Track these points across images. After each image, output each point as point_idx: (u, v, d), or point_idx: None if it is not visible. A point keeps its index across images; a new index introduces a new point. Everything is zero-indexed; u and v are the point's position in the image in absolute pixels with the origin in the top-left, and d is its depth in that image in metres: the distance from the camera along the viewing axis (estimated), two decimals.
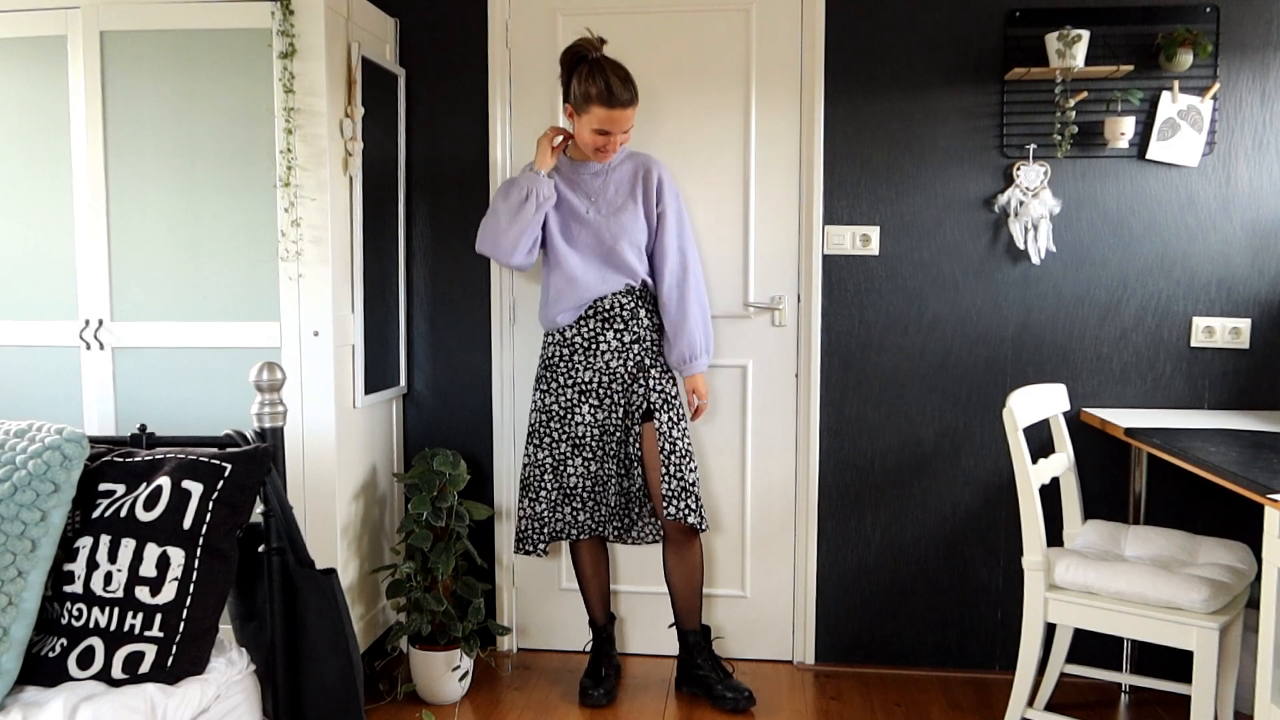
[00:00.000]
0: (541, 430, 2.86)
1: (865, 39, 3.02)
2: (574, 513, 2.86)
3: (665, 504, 2.74)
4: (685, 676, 2.95)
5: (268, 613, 1.99)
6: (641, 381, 2.79)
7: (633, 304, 2.81)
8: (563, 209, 2.82)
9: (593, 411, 2.81)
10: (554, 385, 2.85)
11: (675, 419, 2.78)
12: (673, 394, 2.80)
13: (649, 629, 3.22)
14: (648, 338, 2.83)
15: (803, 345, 3.10)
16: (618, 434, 2.82)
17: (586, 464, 2.83)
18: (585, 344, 2.81)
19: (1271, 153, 2.91)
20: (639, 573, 3.20)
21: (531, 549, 2.85)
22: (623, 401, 2.81)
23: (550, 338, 2.87)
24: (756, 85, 3.07)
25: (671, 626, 3.00)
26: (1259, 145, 2.91)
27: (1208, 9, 2.89)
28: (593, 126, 2.68)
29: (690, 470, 2.76)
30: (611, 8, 3.09)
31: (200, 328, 2.74)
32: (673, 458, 2.74)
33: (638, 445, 2.79)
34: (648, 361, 2.82)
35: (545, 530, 2.85)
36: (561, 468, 2.84)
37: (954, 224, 3.03)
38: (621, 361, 2.80)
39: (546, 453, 2.85)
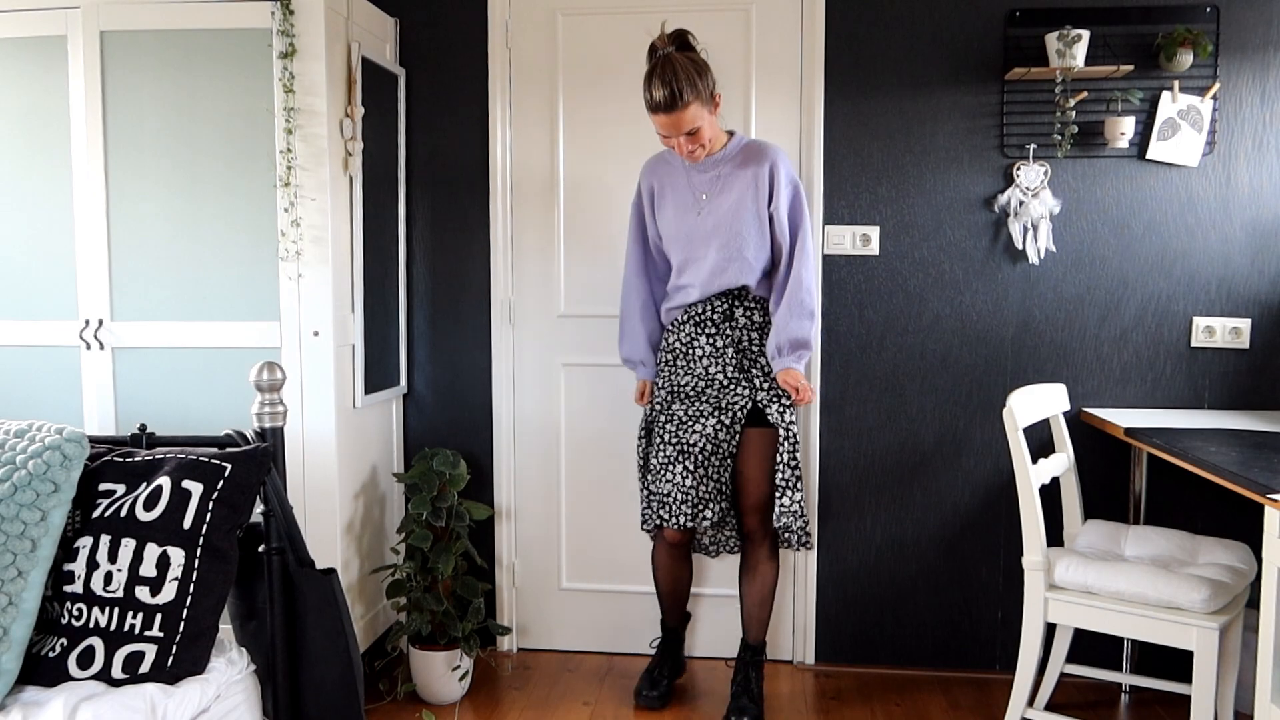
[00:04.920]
0: (651, 419, 2.80)
1: (865, 39, 3.02)
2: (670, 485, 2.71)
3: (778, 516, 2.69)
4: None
5: (268, 613, 1.99)
6: (745, 385, 2.70)
7: (726, 307, 2.70)
8: (675, 205, 2.71)
9: (690, 414, 2.71)
10: (658, 382, 2.80)
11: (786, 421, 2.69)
12: (781, 395, 2.69)
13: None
14: (745, 338, 2.71)
15: None
16: (716, 440, 2.69)
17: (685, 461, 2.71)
18: (683, 349, 2.74)
19: (1271, 153, 2.91)
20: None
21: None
22: (718, 408, 2.69)
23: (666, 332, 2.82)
24: (756, 85, 3.06)
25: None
26: (1259, 145, 2.91)
27: (1208, 9, 2.89)
28: (657, 132, 2.59)
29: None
30: (611, 8, 3.08)
31: (200, 328, 2.74)
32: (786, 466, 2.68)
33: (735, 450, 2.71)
34: (746, 363, 2.70)
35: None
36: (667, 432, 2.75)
37: (954, 224, 3.03)
38: (720, 368, 2.70)
39: (651, 434, 2.79)
